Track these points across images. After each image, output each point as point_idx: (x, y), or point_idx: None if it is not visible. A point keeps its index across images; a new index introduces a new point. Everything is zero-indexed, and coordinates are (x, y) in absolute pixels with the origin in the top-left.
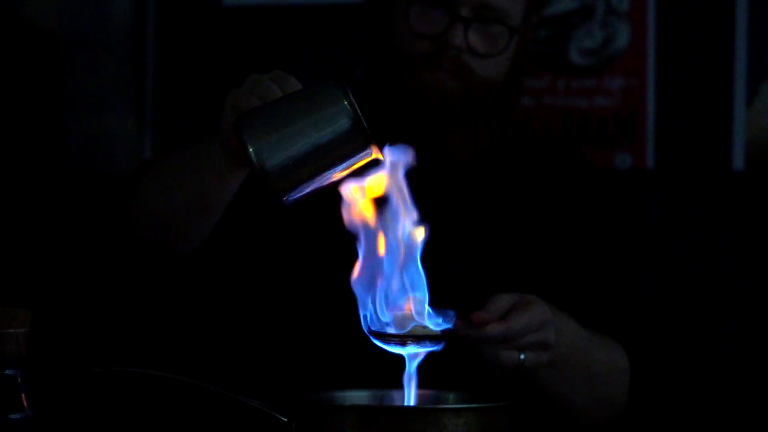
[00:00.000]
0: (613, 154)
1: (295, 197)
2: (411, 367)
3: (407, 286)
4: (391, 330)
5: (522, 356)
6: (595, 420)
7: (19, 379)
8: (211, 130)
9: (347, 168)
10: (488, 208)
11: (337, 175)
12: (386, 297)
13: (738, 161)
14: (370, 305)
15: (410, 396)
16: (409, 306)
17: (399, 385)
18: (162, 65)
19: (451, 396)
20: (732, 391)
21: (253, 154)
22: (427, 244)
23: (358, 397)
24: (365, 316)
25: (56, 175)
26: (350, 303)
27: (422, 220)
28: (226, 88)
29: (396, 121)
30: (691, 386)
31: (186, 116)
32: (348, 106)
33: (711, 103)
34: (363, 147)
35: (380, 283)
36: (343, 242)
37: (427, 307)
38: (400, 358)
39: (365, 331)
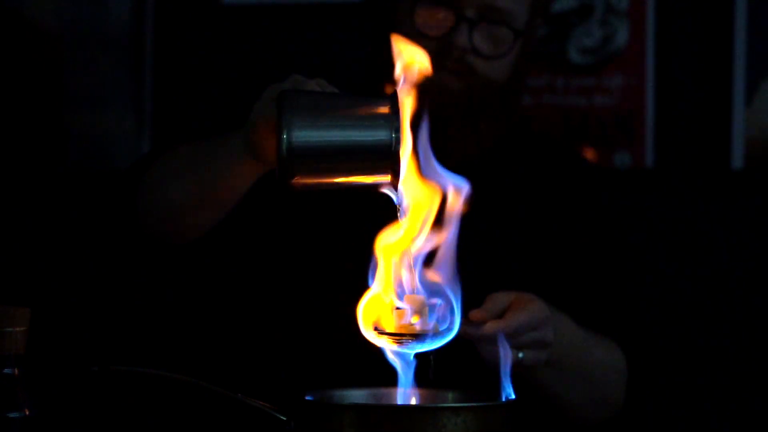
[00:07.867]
0: (612, 152)
1: (298, 185)
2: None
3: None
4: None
5: (520, 354)
6: (593, 420)
7: (18, 378)
8: (212, 127)
9: (360, 183)
10: (488, 208)
11: (346, 183)
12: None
13: (737, 160)
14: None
15: (407, 395)
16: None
17: (398, 385)
18: (161, 64)
19: (450, 395)
20: (730, 391)
21: (284, 125)
22: None
23: (358, 396)
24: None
25: (56, 174)
26: (350, 302)
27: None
28: (225, 87)
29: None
30: (688, 387)
31: (185, 115)
32: (393, 127)
33: (710, 102)
34: (385, 171)
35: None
36: (343, 243)
37: (426, 304)
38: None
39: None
